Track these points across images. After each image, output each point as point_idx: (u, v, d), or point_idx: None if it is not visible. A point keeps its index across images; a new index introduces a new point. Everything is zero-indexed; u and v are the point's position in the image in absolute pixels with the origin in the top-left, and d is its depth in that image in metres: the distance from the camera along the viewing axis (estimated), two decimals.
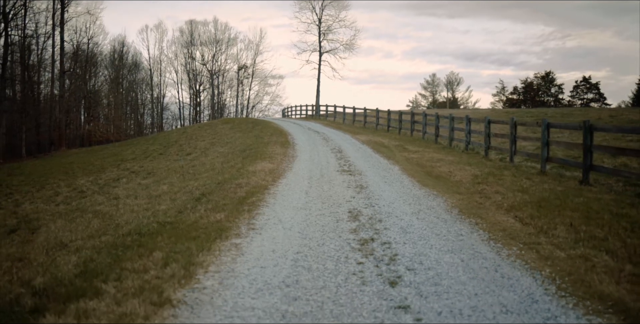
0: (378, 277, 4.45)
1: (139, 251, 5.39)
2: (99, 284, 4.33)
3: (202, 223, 6.59)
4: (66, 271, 5.12)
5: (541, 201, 7.45)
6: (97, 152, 33.13)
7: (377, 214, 6.98)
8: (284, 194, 8.61)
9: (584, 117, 25.55)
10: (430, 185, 9.47)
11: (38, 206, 15.72)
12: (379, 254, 5.13)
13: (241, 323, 3.53)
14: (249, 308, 3.78)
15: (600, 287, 4.16)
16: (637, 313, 3.67)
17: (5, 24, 34.05)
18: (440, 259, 4.96)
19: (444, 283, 4.29)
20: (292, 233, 6.03)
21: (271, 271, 4.63)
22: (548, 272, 4.56)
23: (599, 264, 4.74)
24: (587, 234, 5.71)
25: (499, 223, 6.43)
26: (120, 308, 3.75)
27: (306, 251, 5.25)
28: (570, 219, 6.32)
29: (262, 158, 13.81)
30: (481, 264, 4.81)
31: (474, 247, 5.38)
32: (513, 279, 4.38)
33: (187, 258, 4.95)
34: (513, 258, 5.00)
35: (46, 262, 6.19)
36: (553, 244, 5.42)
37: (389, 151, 15.74)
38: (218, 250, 5.28)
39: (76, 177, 21.95)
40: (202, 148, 23.10)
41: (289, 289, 4.16)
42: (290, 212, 7.18)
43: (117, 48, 54.54)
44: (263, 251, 5.27)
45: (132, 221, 8.08)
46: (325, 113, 38.57)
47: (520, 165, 12.64)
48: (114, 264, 4.98)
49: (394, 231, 6.06)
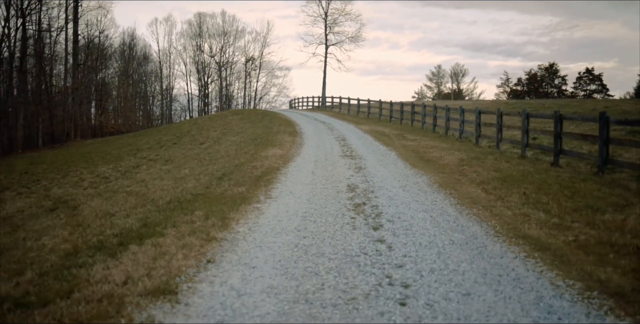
0: (365, 225, 6.10)
1: (183, 211, 7.07)
2: (161, 230, 6.00)
3: (228, 194, 8.26)
4: (130, 224, 6.80)
5: (507, 177, 9.07)
6: (111, 142, 34.91)
7: (371, 187, 8.62)
8: (294, 174, 10.26)
9: (580, 108, 26.96)
10: (419, 167, 11.09)
11: (67, 190, 17.40)
12: (368, 212, 6.78)
13: (268, 250, 5.18)
14: (271, 242, 5.44)
15: (527, 231, 5.78)
16: (546, 244, 5.28)
17: (23, 18, 35.77)
18: (414, 215, 6.60)
19: (413, 229, 5.93)
20: (301, 200, 7.69)
21: (286, 223, 6.28)
22: (493, 223, 6.18)
23: (533, 218, 6.36)
24: (534, 200, 7.33)
25: (468, 193, 8.05)
26: (181, 242, 5.42)
27: (312, 211, 6.91)
28: (525, 190, 7.94)
29: (272, 146, 15.46)
30: (445, 218, 6.45)
31: (442, 209, 7.01)
32: (465, 227, 6.01)
33: (221, 215, 6.62)
34: (471, 215, 6.63)
35: (106, 223, 7.87)
36: (505, 206, 7.05)
37: (388, 139, 17.34)
38: (244, 211, 6.94)
39: (96, 165, 23.65)
40: (215, 138, 24.74)
41: (299, 232, 5.82)
42: (299, 186, 8.83)
43: (127, 40, 56.26)
44: (279, 211, 6.93)
45: (166, 196, 9.75)
46: (331, 105, 40.15)
47: (505, 151, 14.22)
48: (166, 220, 6.66)
49: (382, 198, 7.70)
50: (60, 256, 5.76)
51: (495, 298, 3.86)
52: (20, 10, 35.86)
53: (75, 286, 4.22)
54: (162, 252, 5.05)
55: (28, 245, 7.68)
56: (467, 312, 3.62)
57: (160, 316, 3.58)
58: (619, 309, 3.65)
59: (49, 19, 43.13)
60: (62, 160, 27.37)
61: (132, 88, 57.38)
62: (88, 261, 5.01)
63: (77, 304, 3.80)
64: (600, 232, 5.64)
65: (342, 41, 43.49)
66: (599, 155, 9.70)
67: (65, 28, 42.86)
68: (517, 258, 4.85)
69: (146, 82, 60.49)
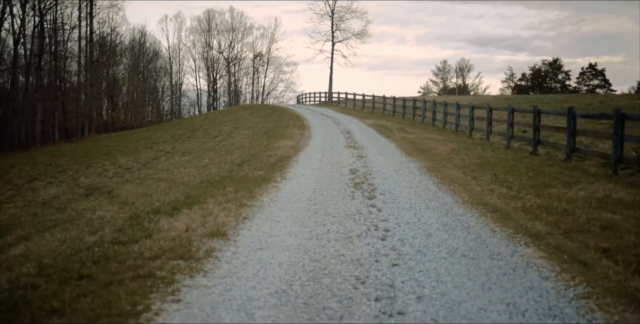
0: (362, 196, 7.88)
1: (216, 188, 8.88)
2: (203, 200, 7.80)
3: (250, 176, 10.06)
4: (174, 198, 8.61)
5: (485, 163, 10.82)
6: (126, 136, 36.83)
7: (369, 171, 10.39)
8: (304, 161, 12.05)
9: (577, 103, 28.49)
10: (414, 155, 12.84)
11: (94, 180, 19.21)
12: (365, 188, 8.56)
13: (287, 212, 6.97)
14: (290, 207, 7.23)
15: (487, 201, 7.53)
16: (498, 209, 7.01)
17: (41, 17, 37.70)
18: (402, 190, 8.37)
19: (399, 199, 7.70)
20: (311, 180, 9.47)
21: (300, 195, 8.07)
22: (463, 195, 7.94)
23: (496, 192, 8.11)
24: (502, 179, 9.08)
25: (450, 175, 9.81)
26: (220, 207, 7.21)
27: (320, 187, 8.69)
28: (497, 172, 9.70)
29: (283, 138, 17.26)
30: (426, 192, 8.21)
31: (426, 186, 8.78)
32: (440, 197, 7.78)
33: (248, 190, 8.41)
34: (447, 190, 8.39)
35: (150, 200, 9.67)
36: (476, 184, 8.81)
37: (389, 132, 19.10)
38: (265, 187, 8.73)
39: (116, 157, 25.50)
40: (227, 132, 26.57)
41: (310, 201, 7.60)
42: (309, 170, 10.61)
43: (138, 37, 58.20)
44: (293, 188, 8.72)
45: (195, 179, 11.55)
46: (337, 100, 41.92)
47: (495, 142, 15.95)
48: (204, 193, 8.46)
49: (378, 179, 9.47)
50: (125, 219, 7.57)
51: (448, 237, 5.63)
52: (38, 10, 37.77)
53: (152, 233, 6.02)
54: (208, 213, 6.85)
55: (88, 216, 9.50)
56: (426, 244, 5.39)
57: (218, 247, 5.37)
58: (531, 243, 5.40)
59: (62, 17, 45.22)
60: (81, 153, 29.25)
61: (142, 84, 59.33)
62: (153, 219, 6.82)
63: (158, 241, 5.60)
64: (543, 201, 7.39)
65: (348, 38, 45.23)
66: (567, 145, 11.43)
67: (79, 26, 44.86)
68: (472, 216, 6.61)
69: (156, 77, 62.47)
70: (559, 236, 5.57)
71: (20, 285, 4.47)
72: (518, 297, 3.94)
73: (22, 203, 17.10)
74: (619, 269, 4.47)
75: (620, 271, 4.40)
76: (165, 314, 3.71)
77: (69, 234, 7.39)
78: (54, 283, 4.44)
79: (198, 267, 4.71)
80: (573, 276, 4.36)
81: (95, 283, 4.37)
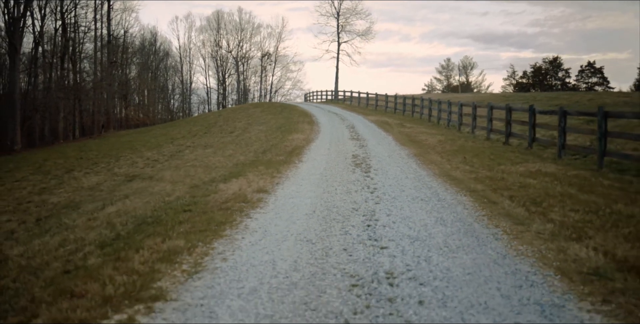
0: (360, 171, 10.97)
1: (250, 167, 11.98)
2: (243, 174, 10.89)
3: (273, 160, 13.15)
4: (220, 174, 11.71)
5: (460, 149, 13.90)
6: (145, 132, 40.03)
7: (368, 156, 13.48)
8: (315, 150, 15.14)
9: (567, 100, 31.44)
10: (406, 145, 15.91)
11: (128, 169, 22.21)
12: (363, 167, 11.65)
13: (307, 180, 10.05)
14: (307, 178, 10.32)
15: (451, 173, 10.59)
16: (457, 178, 10.06)
17: (62, 20, 40.96)
18: (390, 168, 11.45)
19: (388, 173, 10.77)
20: (321, 162, 12.56)
21: (314, 171, 11.16)
22: (435, 171, 11.00)
23: (460, 169, 11.16)
24: (468, 160, 12.13)
25: (430, 158, 12.88)
26: (258, 177, 10.29)
27: (329, 166, 11.78)
28: (466, 155, 12.76)
29: (295, 132, 20.36)
30: (408, 169, 11.29)
31: (409, 165, 11.85)
32: (417, 172, 10.85)
33: (276, 168, 11.51)
34: (424, 168, 11.45)
35: (196, 178, 12.74)
36: (448, 164, 11.87)
37: (389, 127, 22.18)
38: (288, 167, 11.83)
39: (141, 151, 28.57)
40: (242, 128, 29.70)
41: (322, 174, 10.69)
42: (320, 156, 13.70)
43: (150, 38, 61.51)
44: (308, 167, 11.81)
45: (227, 164, 14.64)
46: (343, 98, 45.05)
47: (478, 135, 19.01)
48: (242, 171, 11.55)
49: (374, 161, 12.55)
50: (187, 190, 10.66)
51: (415, 192, 8.69)
52: (60, 13, 41.04)
53: (217, 191, 9.12)
54: (251, 181, 9.95)
55: (149, 191, 12.60)
56: (399, 195, 8.46)
57: (264, 197, 8.44)
58: (468, 195, 8.44)
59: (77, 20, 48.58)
60: (107, 148, 32.39)
61: (153, 83, 62.66)
62: (212, 185, 9.91)
63: (223, 195, 8.68)
64: (493, 173, 10.44)
65: (353, 39, 48.36)
66: (529, 135, 14.49)
67: (95, 28, 48.19)
68: (436, 182, 9.69)
69: (166, 76, 65.79)
70: (489, 191, 8.64)
71: (152, 215, 7.58)
72: (445, 216, 7.02)
73: (71, 189, 20.11)
74: (513, 204, 7.53)
75: (512, 206, 7.47)
76: (245, 223, 6.79)
77: (147, 198, 10.49)
78: (171, 212, 7.56)
79: (255, 205, 7.81)
80: (483, 208, 7.43)
81: (196, 213, 7.45)
